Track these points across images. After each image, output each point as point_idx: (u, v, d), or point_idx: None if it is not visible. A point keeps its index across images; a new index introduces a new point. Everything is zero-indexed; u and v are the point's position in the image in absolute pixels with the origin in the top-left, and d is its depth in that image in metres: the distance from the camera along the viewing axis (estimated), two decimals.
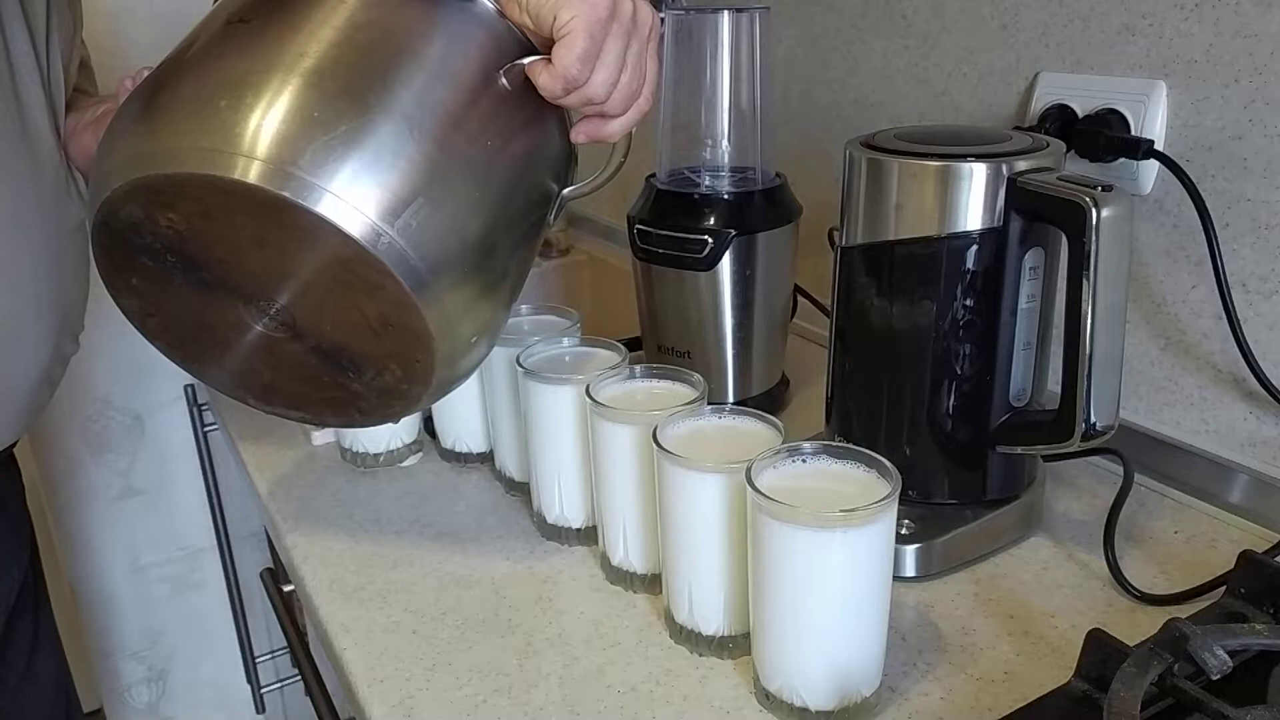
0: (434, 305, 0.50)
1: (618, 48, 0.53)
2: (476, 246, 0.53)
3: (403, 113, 0.49)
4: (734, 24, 0.78)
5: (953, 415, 0.62)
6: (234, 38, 0.50)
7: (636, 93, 0.56)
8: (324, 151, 0.47)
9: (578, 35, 0.51)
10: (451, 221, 0.51)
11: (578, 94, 0.54)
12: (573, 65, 0.52)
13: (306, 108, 0.47)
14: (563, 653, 0.57)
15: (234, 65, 0.49)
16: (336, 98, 0.48)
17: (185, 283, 0.54)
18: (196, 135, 0.47)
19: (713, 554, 0.54)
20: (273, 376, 0.59)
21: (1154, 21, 0.67)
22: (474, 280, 0.53)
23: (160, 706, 1.59)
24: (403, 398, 0.56)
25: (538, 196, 0.59)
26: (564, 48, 0.52)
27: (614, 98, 0.55)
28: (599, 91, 0.54)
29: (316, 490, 0.76)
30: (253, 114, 0.47)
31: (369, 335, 0.53)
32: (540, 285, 1.34)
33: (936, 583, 0.62)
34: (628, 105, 0.56)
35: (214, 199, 0.48)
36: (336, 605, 0.62)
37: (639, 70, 0.55)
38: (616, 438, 0.59)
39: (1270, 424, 0.66)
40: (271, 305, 0.53)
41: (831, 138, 0.97)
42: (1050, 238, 0.59)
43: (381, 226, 0.47)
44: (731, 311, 0.78)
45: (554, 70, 0.52)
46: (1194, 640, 0.43)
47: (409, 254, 0.48)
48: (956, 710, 0.51)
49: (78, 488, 1.43)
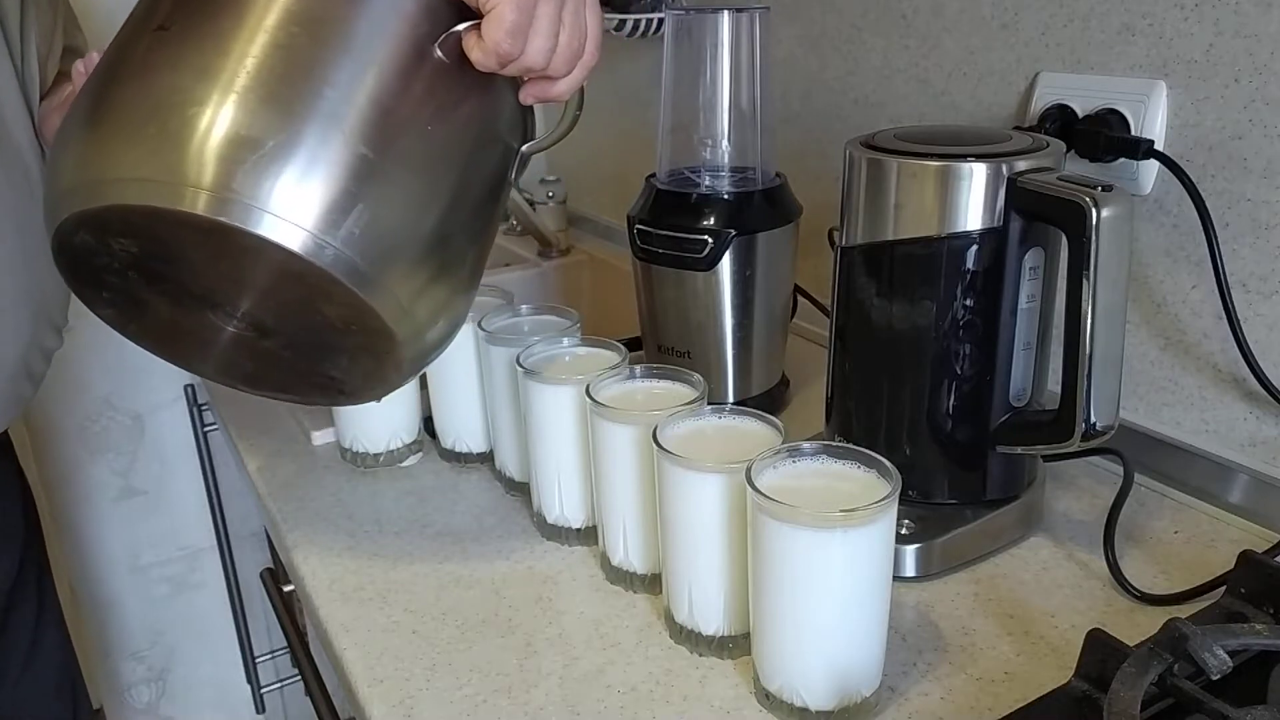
0: (389, 302, 0.50)
1: (551, 11, 0.52)
2: (428, 235, 0.52)
3: (331, 116, 0.48)
4: (734, 24, 0.78)
5: (953, 415, 0.62)
6: (157, 48, 0.49)
7: (579, 51, 0.55)
8: (256, 171, 0.46)
9: (505, 8, 0.50)
10: (398, 218, 0.51)
11: (515, 65, 0.52)
12: (503, 40, 0.50)
13: (234, 125, 0.46)
14: (563, 653, 0.57)
15: (158, 82, 0.48)
16: (262, 110, 0.47)
17: (152, 294, 0.54)
18: (132, 164, 0.47)
19: (713, 554, 0.54)
20: (254, 367, 0.59)
21: (1154, 21, 0.67)
22: (429, 268, 0.53)
23: (160, 706, 1.59)
24: (382, 380, 0.56)
25: (493, 161, 0.58)
26: (492, 22, 0.50)
27: (555, 61, 0.54)
28: (537, 60, 0.52)
29: (316, 490, 0.76)
30: (181, 139, 0.46)
31: (335, 332, 0.53)
32: (540, 285, 1.34)
33: (936, 583, 0.62)
34: (572, 65, 0.55)
35: (159, 226, 0.48)
36: (336, 605, 0.62)
37: (578, 29, 0.54)
38: (616, 438, 0.59)
39: (1270, 424, 0.66)
40: (236, 311, 0.54)
41: (831, 138, 0.97)
42: (1050, 238, 0.59)
43: (324, 239, 0.47)
44: (731, 311, 0.78)
45: (485, 46, 0.51)
46: (1194, 640, 0.43)
47: (356, 261, 0.48)
48: (956, 710, 0.51)
49: (78, 488, 1.43)
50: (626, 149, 1.34)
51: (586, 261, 1.37)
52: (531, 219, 1.36)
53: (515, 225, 1.48)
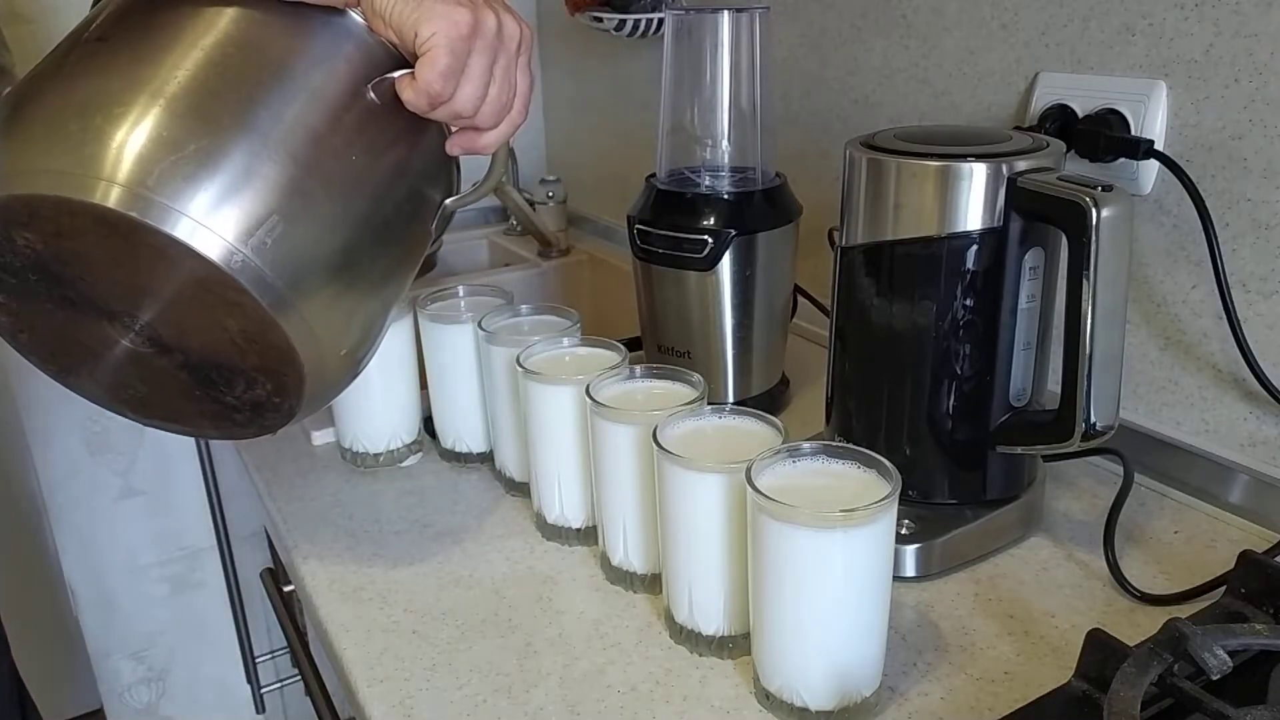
0: (295, 321, 0.50)
1: (483, 63, 0.53)
2: (340, 261, 0.52)
3: (257, 129, 0.48)
4: (734, 24, 0.78)
5: (953, 415, 0.62)
6: (91, 57, 0.50)
7: (507, 105, 0.56)
8: (172, 171, 0.46)
9: (439, 52, 0.51)
10: (312, 237, 0.50)
11: (444, 109, 0.53)
12: (435, 82, 0.52)
13: (156, 128, 0.47)
14: (563, 653, 0.57)
15: (87, 86, 0.48)
16: (186, 117, 0.47)
17: (49, 299, 0.54)
18: (45, 157, 0.46)
19: (713, 554, 0.54)
20: (146, 390, 0.58)
21: (1154, 21, 0.67)
22: (339, 294, 0.53)
23: (160, 706, 1.59)
24: (276, 410, 0.55)
25: (413, 208, 0.58)
26: (425, 64, 0.51)
27: (483, 111, 0.55)
28: (466, 106, 0.54)
29: (316, 490, 0.76)
30: (102, 135, 0.46)
31: (235, 351, 0.52)
32: (540, 285, 1.34)
33: (936, 583, 0.62)
34: (499, 118, 0.56)
35: (65, 220, 0.47)
36: (336, 605, 0.62)
37: (508, 84, 0.55)
38: (616, 438, 0.59)
39: (1270, 424, 0.66)
40: (135, 322, 0.53)
41: (831, 138, 0.97)
42: (1050, 238, 0.59)
43: (234, 245, 0.47)
44: (731, 311, 0.78)
45: (417, 86, 0.52)
46: (1194, 640, 0.43)
47: (265, 272, 0.48)
48: (956, 710, 0.51)
49: (78, 488, 1.43)
50: (626, 149, 1.34)
51: (586, 261, 1.37)
52: (531, 219, 1.36)
53: (515, 225, 1.48)
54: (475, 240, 1.51)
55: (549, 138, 1.56)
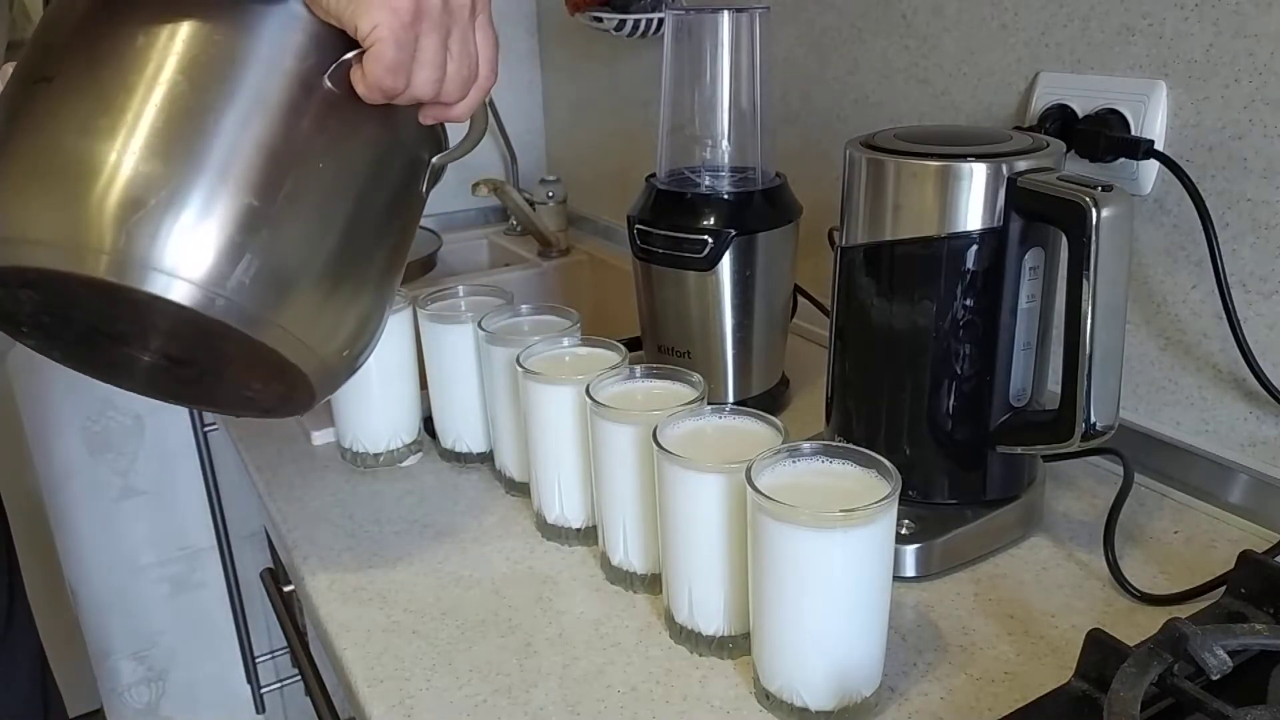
0: (287, 340, 0.51)
1: (434, 43, 0.50)
2: (324, 270, 0.52)
3: (216, 166, 0.48)
4: (734, 24, 0.78)
5: (953, 415, 0.62)
6: (43, 101, 0.48)
7: (471, 77, 0.54)
8: (141, 228, 0.46)
9: (383, 46, 0.49)
10: (291, 259, 0.50)
11: (403, 97, 0.51)
12: (384, 78, 0.49)
13: (118, 182, 0.46)
14: (563, 653, 0.57)
15: (41, 140, 0.48)
16: (146, 164, 0.47)
17: (67, 331, 0.55)
18: (20, 224, 0.46)
19: (713, 554, 0.54)
20: (178, 387, 0.60)
21: (1154, 21, 0.67)
22: (327, 300, 0.53)
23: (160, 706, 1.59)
24: (296, 402, 0.57)
25: (396, 180, 0.57)
26: (372, 60, 0.49)
27: (446, 90, 0.53)
28: (424, 91, 0.51)
29: (316, 490, 0.76)
30: (69, 198, 0.46)
31: (244, 364, 0.54)
32: (540, 285, 1.34)
33: (936, 583, 0.62)
34: (465, 90, 0.54)
35: (54, 283, 0.48)
36: (336, 605, 0.62)
37: (466, 56, 0.53)
38: (616, 438, 0.59)
39: (1270, 424, 0.66)
40: (147, 349, 0.55)
41: (831, 138, 0.97)
42: (1050, 238, 0.59)
43: (213, 291, 0.47)
44: (731, 311, 0.78)
45: (368, 81, 0.50)
46: (1194, 640, 0.43)
47: (247, 308, 0.48)
48: (956, 710, 0.51)
49: (78, 488, 1.43)
50: (626, 149, 1.34)
51: (586, 261, 1.37)
52: (531, 219, 1.36)
53: (515, 225, 1.48)
54: (475, 240, 1.51)
55: (549, 138, 1.56)
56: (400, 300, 0.77)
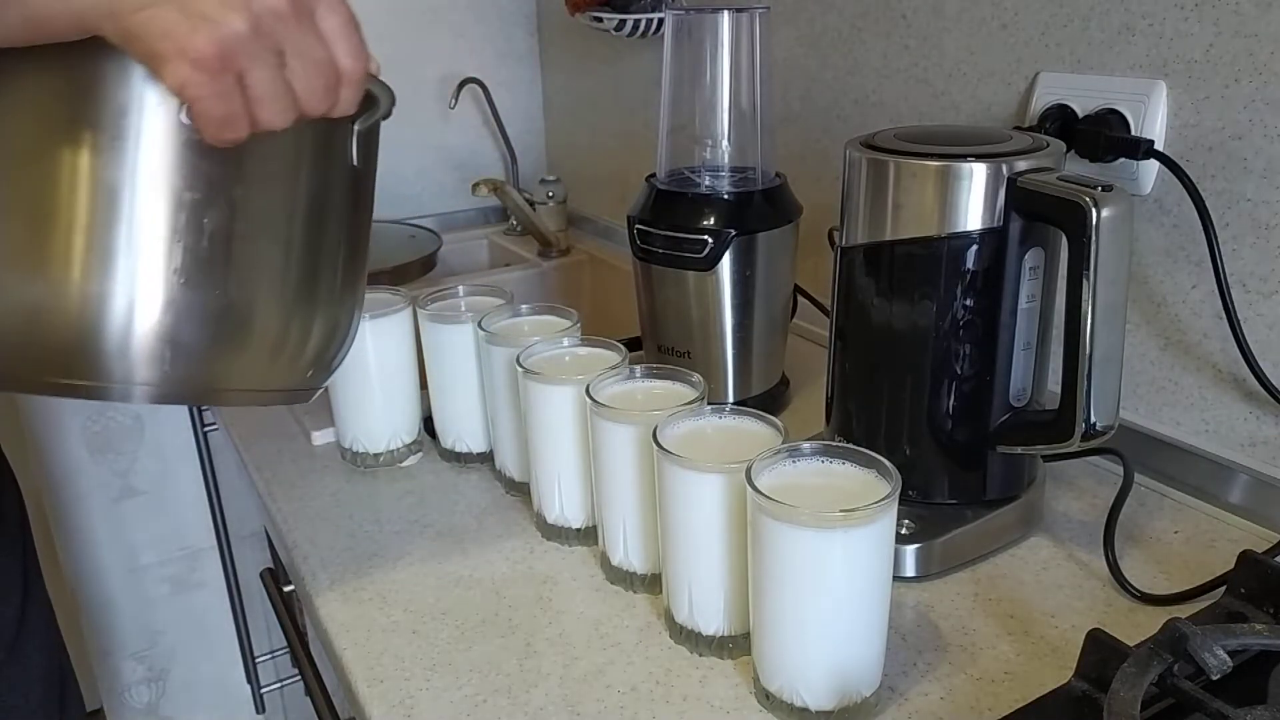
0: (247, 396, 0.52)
1: (264, 74, 0.43)
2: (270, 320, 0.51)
3: (119, 268, 0.46)
4: (734, 24, 0.78)
5: (953, 415, 0.62)
6: None
7: (331, 81, 0.46)
8: (81, 351, 0.46)
9: (203, 104, 0.42)
10: (231, 324, 0.50)
11: (262, 130, 0.45)
12: (222, 133, 0.44)
13: (26, 303, 0.46)
14: (563, 653, 0.57)
15: None
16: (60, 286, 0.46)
17: None
18: None
19: (713, 554, 0.54)
20: None
21: (1154, 21, 0.67)
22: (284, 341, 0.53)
23: (160, 706, 1.59)
24: (298, 398, 0.58)
25: (315, 185, 0.53)
26: (200, 120, 0.43)
27: (306, 105, 0.46)
28: (281, 120, 0.45)
29: (316, 490, 0.76)
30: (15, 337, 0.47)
31: None
32: (540, 285, 1.34)
33: (936, 583, 0.62)
34: (331, 96, 0.47)
35: None
36: (336, 605, 0.62)
37: (314, 62, 0.45)
38: (616, 438, 0.59)
39: (1270, 424, 0.66)
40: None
41: (831, 138, 0.97)
42: (1050, 238, 0.59)
43: (152, 383, 0.48)
44: (731, 311, 0.78)
45: (209, 137, 0.44)
46: (1194, 640, 0.43)
47: (199, 379, 0.49)
48: (956, 710, 0.51)
49: (78, 488, 1.43)
50: (626, 149, 1.34)
51: (586, 261, 1.37)
52: (531, 219, 1.36)
53: (515, 225, 1.49)
54: (475, 240, 1.51)
55: (549, 138, 1.56)
56: (400, 300, 0.77)
